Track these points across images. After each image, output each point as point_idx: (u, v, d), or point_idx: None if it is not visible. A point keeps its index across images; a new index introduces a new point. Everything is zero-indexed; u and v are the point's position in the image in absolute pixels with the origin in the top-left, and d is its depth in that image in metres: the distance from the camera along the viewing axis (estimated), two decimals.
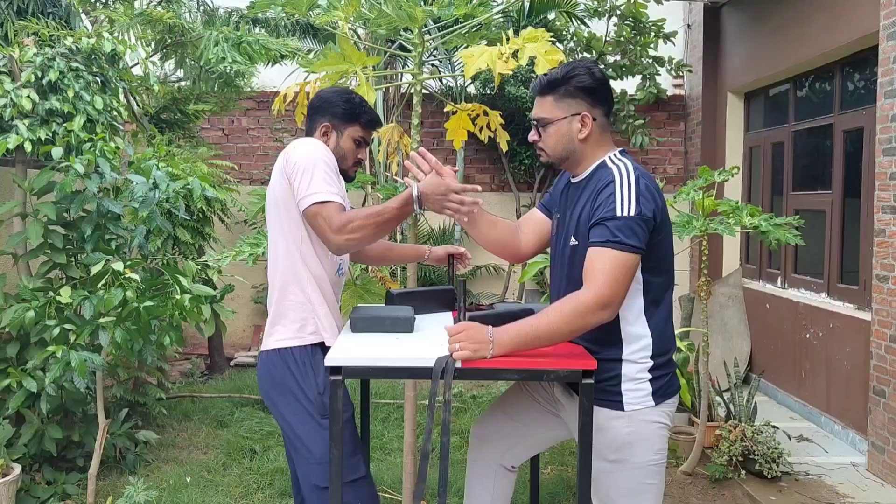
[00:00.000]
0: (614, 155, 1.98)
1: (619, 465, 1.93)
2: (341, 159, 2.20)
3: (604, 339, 1.93)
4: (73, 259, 3.48)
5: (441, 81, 6.89)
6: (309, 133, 2.24)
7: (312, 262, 2.13)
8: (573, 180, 2.05)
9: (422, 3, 2.90)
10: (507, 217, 7.41)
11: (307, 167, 2.03)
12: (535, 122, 2.04)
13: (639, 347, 1.92)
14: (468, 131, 2.92)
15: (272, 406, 2.16)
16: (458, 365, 1.80)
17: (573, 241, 1.95)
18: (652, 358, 1.93)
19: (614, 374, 1.92)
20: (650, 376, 1.93)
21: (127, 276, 3.03)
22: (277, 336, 2.13)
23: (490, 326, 1.83)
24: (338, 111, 2.20)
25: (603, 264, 1.81)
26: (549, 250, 2.22)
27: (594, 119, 1.97)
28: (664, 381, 1.95)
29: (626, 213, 1.82)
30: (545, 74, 2.00)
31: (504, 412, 2.27)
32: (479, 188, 2.09)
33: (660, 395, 1.93)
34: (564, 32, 5.62)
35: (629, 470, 1.93)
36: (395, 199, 2.06)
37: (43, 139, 3.25)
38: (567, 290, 1.91)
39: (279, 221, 2.13)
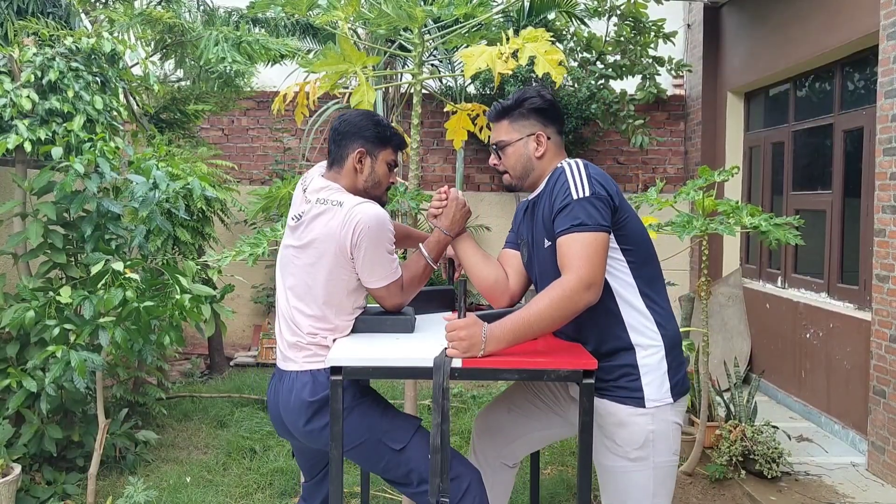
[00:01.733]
0: (565, 160, 2.06)
1: (640, 464, 1.93)
2: (376, 186, 2.16)
3: (610, 333, 1.94)
4: (73, 259, 3.48)
5: (441, 81, 6.89)
6: (339, 160, 2.14)
7: (349, 309, 2.13)
8: (531, 197, 2.13)
9: (422, 3, 2.91)
10: (507, 216, 7.38)
11: (376, 250, 2.03)
12: (493, 147, 2.14)
13: (646, 329, 1.94)
14: (468, 131, 2.92)
15: (316, 421, 2.05)
16: (458, 364, 1.81)
17: (547, 243, 1.98)
18: (663, 339, 1.94)
19: (631, 364, 1.93)
20: (666, 366, 1.94)
21: (127, 276, 3.03)
22: (318, 357, 2.07)
23: (486, 324, 1.84)
24: (369, 135, 2.14)
25: (575, 249, 1.85)
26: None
27: (548, 137, 2.08)
28: (680, 376, 1.97)
29: (581, 195, 1.89)
30: (499, 101, 2.13)
31: (507, 408, 2.28)
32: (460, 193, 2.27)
33: (677, 391, 1.95)
34: (564, 32, 5.61)
35: (650, 469, 1.93)
36: (428, 250, 2.21)
37: (43, 139, 3.25)
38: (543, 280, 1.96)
39: (324, 271, 2.06)
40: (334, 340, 2.06)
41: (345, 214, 2.01)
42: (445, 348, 1.84)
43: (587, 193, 1.89)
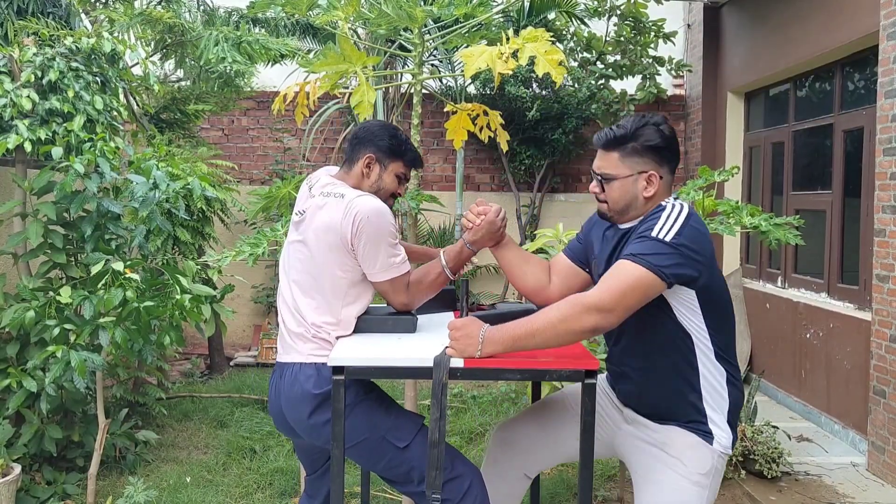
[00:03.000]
0: (672, 198, 1.94)
1: (698, 490, 1.90)
2: (379, 192, 2.17)
3: (685, 383, 1.93)
4: (73, 259, 3.48)
5: (441, 81, 6.89)
6: (350, 162, 2.20)
7: (353, 301, 2.13)
8: (622, 226, 1.99)
9: (422, 3, 2.91)
10: (507, 217, 7.38)
11: (377, 241, 2.04)
12: (598, 177, 1.97)
13: (718, 385, 1.94)
14: (468, 131, 2.92)
15: (320, 414, 2.04)
16: (460, 363, 1.81)
17: None
18: (729, 398, 1.95)
19: (701, 419, 1.93)
20: (727, 422, 1.95)
21: (127, 276, 3.03)
22: (323, 351, 2.07)
23: (486, 325, 1.83)
24: (383, 145, 2.18)
25: (617, 274, 1.78)
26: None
27: (661, 177, 1.92)
28: (735, 435, 1.98)
29: (660, 236, 1.78)
30: (611, 129, 1.94)
31: (539, 424, 2.23)
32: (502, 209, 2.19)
33: (731, 445, 1.97)
34: (564, 32, 5.61)
35: (704, 501, 1.91)
36: (447, 259, 2.17)
37: (43, 139, 3.25)
38: (630, 324, 1.87)
39: (325, 257, 2.08)
40: (338, 338, 2.07)
41: (346, 205, 2.04)
42: (447, 347, 1.84)
43: (667, 238, 1.77)
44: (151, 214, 3.35)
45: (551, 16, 5.40)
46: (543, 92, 6.73)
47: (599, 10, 5.37)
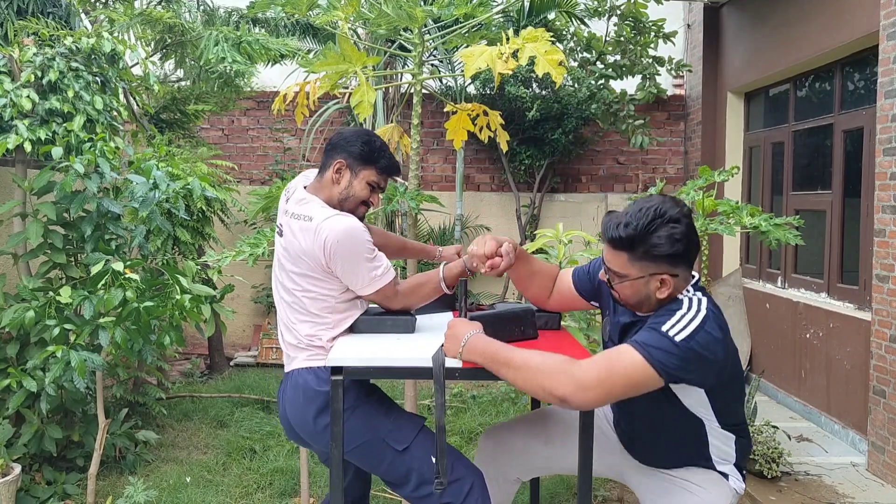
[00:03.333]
0: (691, 287, 1.83)
1: None
2: (347, 200, 2.13)
3: (693, 449, 1.96)
4: (73, 259, 3.49)
5: (441, 81, 6.89)
6: (323, 169, 2.16)
7: (344, 309, 2.13)
8: (640, 314, 1.88)
9: (422, 3, 2.91)
10: (507, 216, 7.34)
11: (352, 261, 2.02)
12: (608, 274, 1.85)
13: (726, 447, 1.96)
14: (468, 131, 2.92)
15: (326, 416, 2.02)
16: (458, 364, 1.81)
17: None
18: (736, 454, 1.98)
19: (713, 469, 1.97)
20: (738, 471, 2.00)
21: (127, 276, 3.03)
22: (320, 356, 2.08)
23: (472, 332, 1.83)
24: (355, 150, 2.12)
25: (613, 356, 1.68)
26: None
27: (675, 275, 1.78)
28: (744, 477, 2.03)
29: (671, 334, 1.66)
30: (617, 226, 1.76)
31: (543, 433, 2.23)
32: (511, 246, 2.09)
33: (741, 490, 2.01)
34: (564, 32, 5.61)
35: None
36: (445, 274, 2.16)
37: (43, 139, 3.25)
38: (639, 407, 1.87)
39: (308, 280, 2.08)
40: (333, 339, 2.07)
41: (314, 231, 2.02)
42: (443, 344, 1.87)
43: (677, 339, 1.65)
44: (151, 214, 3.35)
45: (551, 16, 5.40)
46: (543, 92, 6.73)
47: (599, 10, 5.36)
